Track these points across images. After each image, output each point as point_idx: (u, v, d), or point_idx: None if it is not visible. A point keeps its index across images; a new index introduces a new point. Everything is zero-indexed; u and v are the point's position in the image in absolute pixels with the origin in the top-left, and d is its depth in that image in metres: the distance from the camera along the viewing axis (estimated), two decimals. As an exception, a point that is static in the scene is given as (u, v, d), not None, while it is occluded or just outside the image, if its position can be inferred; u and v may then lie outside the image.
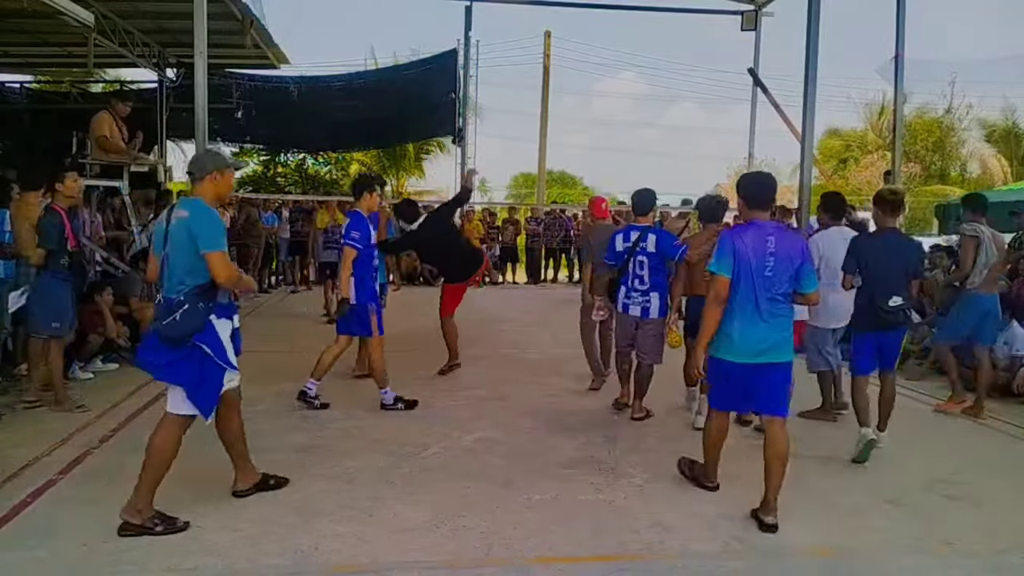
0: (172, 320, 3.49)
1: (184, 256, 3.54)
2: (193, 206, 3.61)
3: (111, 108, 8.47)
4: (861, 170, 25.85)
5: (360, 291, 5.60)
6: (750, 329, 3.82)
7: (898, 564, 3.46)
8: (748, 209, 3.98)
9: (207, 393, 3.63)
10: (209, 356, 3.60)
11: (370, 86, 16.64)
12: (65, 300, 5.58)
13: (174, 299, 3.52)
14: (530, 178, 30.62)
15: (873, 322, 5.00)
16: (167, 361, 3.57)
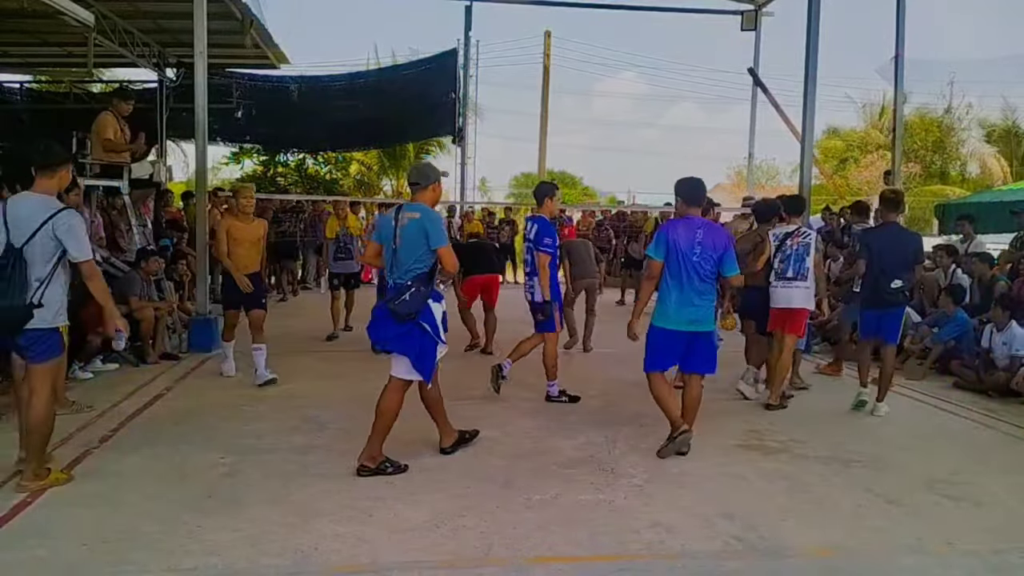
0: (402, 300, 4.24)
1: (415, 249, 4.30)
2: (422, 210, 4.36)
3: (113, 108, 8.46)
4: (861, 170, 25.85)
5: (552, 291, 6.19)
6: (683, 303, 4.70)
7: (898, 564, 3.46)
8: (686, 207, 4.85)
9: (428, 363, 4.41)
10: (427, 332, 4.33)
11: (370, 86, 16.65)
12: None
13: (403, 283, 4.29)
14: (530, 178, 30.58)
15: (877, 301, 5.91)
16: (394, 335, 4.34)
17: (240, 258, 6.46)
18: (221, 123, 15.26)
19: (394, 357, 4.48)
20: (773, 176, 31.74)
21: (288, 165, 20.58)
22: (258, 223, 6.70)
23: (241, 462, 4.52)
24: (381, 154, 22.98)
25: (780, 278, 6.12)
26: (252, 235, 6.52)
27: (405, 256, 4.33)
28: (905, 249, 5.91)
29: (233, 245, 6.43)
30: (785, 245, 6.15)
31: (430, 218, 4.36)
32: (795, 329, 6.13)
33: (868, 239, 6.15)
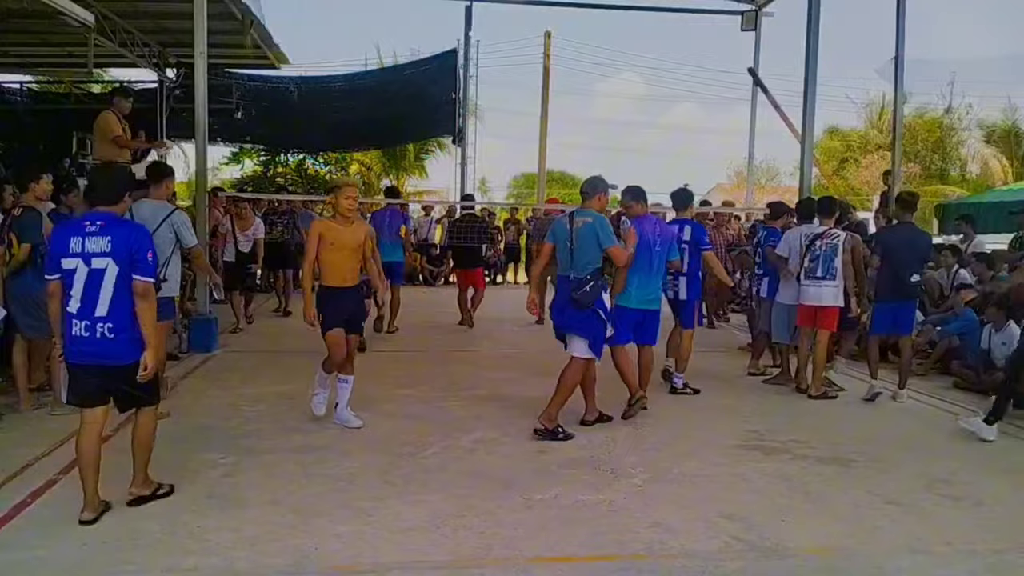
0: (584, 291, 5.06)
1: (590, 249, 5.15)
2: (593, 215, 5.25)
3: (115, 107, 8.46)
4: (861, 170, 25.85)
5: (691, 289, 6.59)
6: (641, 287, 5.73)
7: (898, 564, 3.46)
8: (639, 206, 5.94)
9: (601, 344, 5.27)
10: (601, 318, 5.15)
11: (370, 86, 16.63)
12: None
13: (583, 278, 5.10)
14: (530, 178, 30.62)
15: (896, 293, 6.43)
16: (576, 321, 5.18)
17: (336, 268, 5.24)
18: (221, 123, 15.22)
19: (572, 339, 5.27)
20: (773, 176, 31.78)
21: (288, 165, 20.56)
22: (359, 226, 5.44)
23: (241, 462, 4.53)
24: (381, 154, 22.97)
25: (810, 277, 6.53)
26: (352, 240, 5.25)
27: (580, 255, 5.17)
28: (920, 247, 6.54)
29: (327, 252, 5.20)
30: (815, 245, 6.54)
31: (600, 222, 5.22)
32: (828, 325, 6.54)
33: (885, 238, 6.71)
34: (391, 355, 8.15)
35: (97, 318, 3.59)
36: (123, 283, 3.60)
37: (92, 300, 3.59)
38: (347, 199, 5.24)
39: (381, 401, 6.07)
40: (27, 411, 5.46)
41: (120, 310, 3.61)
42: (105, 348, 3.62)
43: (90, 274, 3.58)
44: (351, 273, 5.30)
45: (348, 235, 5.24)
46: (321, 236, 5.17)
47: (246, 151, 19.97)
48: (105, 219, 3.65)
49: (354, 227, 5.31)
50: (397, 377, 6.95)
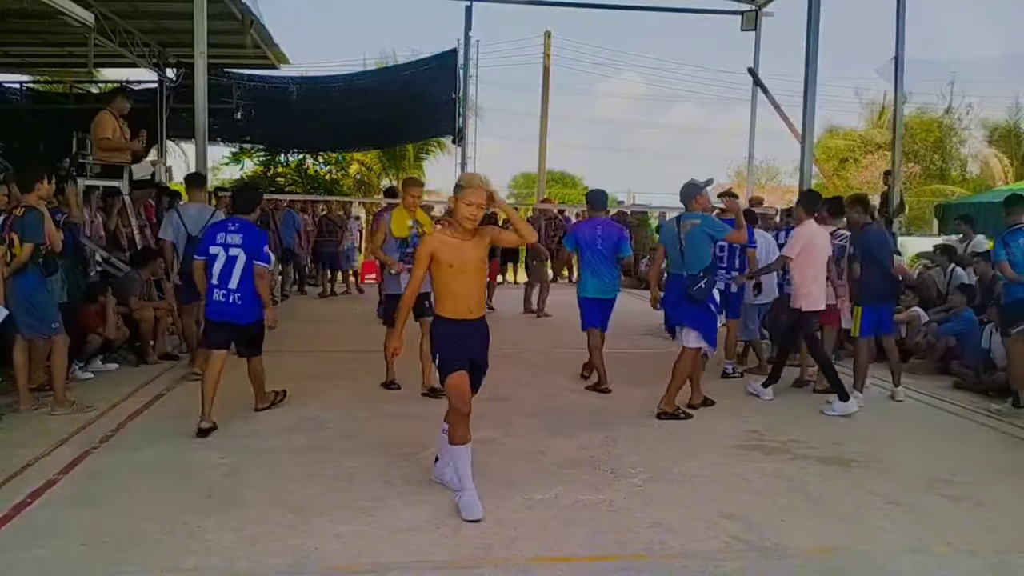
0: (699, 287, 5.54)
1: (701, 248, 5.64)
2: (701, 217, 5.73)
3: (112, 107, 8.46)
4: (861, 170, 25.84)
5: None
6: (594, 279, 6.57)
7: (898, 564, 3.46)
8: (593, 211, 6.87)
9: (714, 334, 5.82)
10: (712, 312, 5.69)
11: (370, 86, 16.64)
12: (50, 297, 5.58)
13: (696, 275, 5.59)
14: (530, 178, 30.62)
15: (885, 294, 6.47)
16: (688, 314, 5.67)
17: (459, 296, 3.89)
18: (221, 123, 15.23)
19: (685, 331, 5.74)
20: (774, 176, 31.77)
21: (288, 165, 20.57)
22: (481, 237, 3.94)
23: (241, 462, 4.52)
24: (381, 154, 22.98)
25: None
26: (477, 257, 3.92)
27: (691, 255, 5.66)
28: (890, 244, 6.83)
29: (447, 277, 3.86)
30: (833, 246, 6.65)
31: (708, 222, 5.74)
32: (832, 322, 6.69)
33: (863, 241, 6.42)
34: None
35: (230, 290, 5.17)
36: (248, 267, 5.18)
37: (227, 277, 5.16)
38: (470, 205, 3.80)
39: (381, 401, 6.07)
40: (27, 411, 5.46)
41: (245, 285, 5.18)
42: (234, 310, 5.21)
43: (227, 260, 5.17)
44: (478, 300, 3.98)
45: (471, 252, 3.87)
46: (435, 258, 3.83)
47: (246, 151, 19.97)
48: (241, 223, 5.30)
49: (475, 240, 3.89)
50: (397, 377, 6.94)
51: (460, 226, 3.88)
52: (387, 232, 6.07)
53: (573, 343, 9.09)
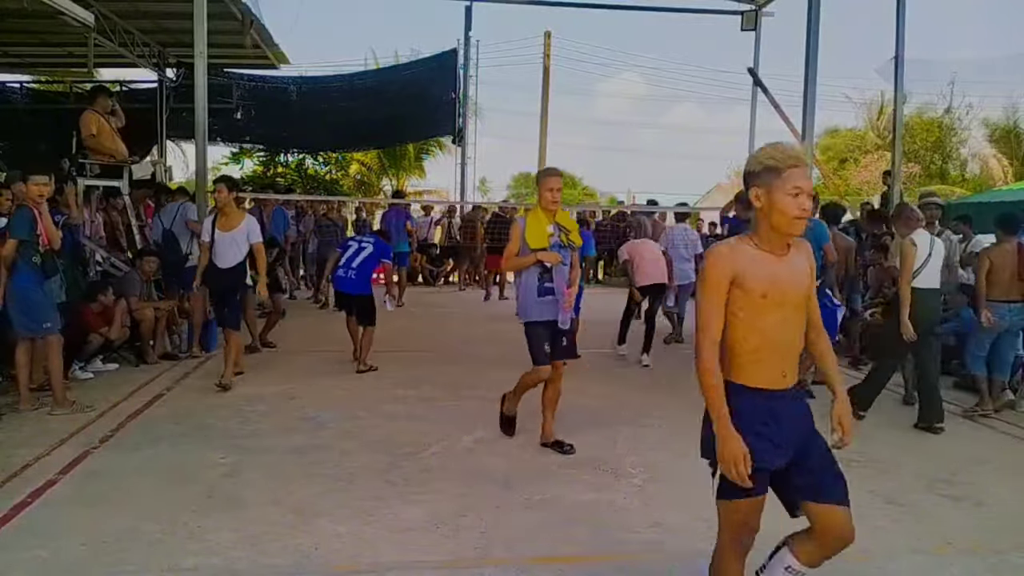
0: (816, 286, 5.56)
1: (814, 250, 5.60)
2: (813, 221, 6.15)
3: (95, 106, 8.46)
4: (861, 170, 25.83)
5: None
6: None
7: (898, 564, 3.46)
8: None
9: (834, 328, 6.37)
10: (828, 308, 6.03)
11: (370, 86, 16.63)
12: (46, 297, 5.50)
13: None
14: (530, 178, 30.61)
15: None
16: None
17: (776, 346, 2.52)
18: (221, 123, 15.23)
19: None
20: (773, 176, 31.69)
21: (288, 165, 20.57)
22: (798, 250, 2.64)
23: (241, 462, 4.52)
24: (381, 154, 22.97)
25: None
26: (800, 283, 2.58)
27: None
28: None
29: (755, 311, 2.44)
30: None
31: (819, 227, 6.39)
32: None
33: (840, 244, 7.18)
34: (391, 355, 8.14)
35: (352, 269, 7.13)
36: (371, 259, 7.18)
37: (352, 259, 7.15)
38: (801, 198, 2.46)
39: (381, 401, 6.07)
40: (27, 411, 5.46)
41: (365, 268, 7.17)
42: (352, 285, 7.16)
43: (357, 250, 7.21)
44: (795, 356, 2.61)
45: (789, 274, 2.49)
46: (738, 282, 2.40)
47: (246, 151, 19.97)
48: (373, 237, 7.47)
49: (792, 254, 2.56)
50: (397, 377, 6.95)
51: (773, 236, 2.48)
52: (522, 240, 4.76)
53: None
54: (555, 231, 4.74)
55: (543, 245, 4.69)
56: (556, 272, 4.71)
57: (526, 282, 4.77)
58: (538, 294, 4.71)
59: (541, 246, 4.69)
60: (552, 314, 4.71)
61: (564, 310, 4.70)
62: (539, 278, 4.70)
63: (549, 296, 4.70)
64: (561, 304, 4.68)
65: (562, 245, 4.75)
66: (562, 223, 4.82)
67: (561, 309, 4.69)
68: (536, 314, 4.74)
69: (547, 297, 4.70)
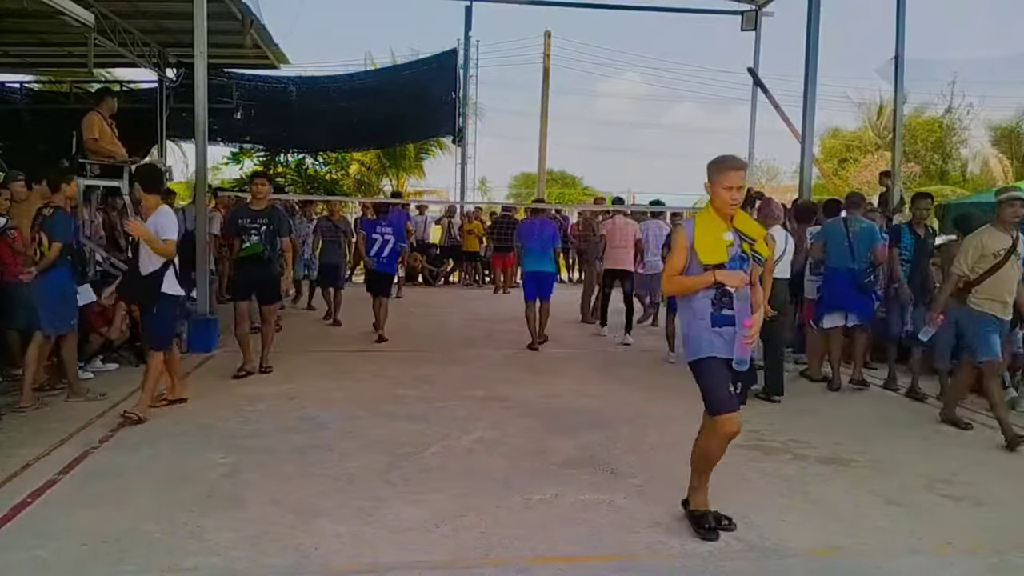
0: (869, 280, 6.80)
1: (866, 247, 6.80)
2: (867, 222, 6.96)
3: (100, 107, 8.45)
4: (861, 170, 25.84)
5: None
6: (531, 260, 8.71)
7: (898, 564, 3.46)
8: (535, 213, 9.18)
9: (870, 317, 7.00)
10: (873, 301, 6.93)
11: (370, 86, 16.63)
12: (74, 296, 5.82)
13: (864, 269, 6.78)
14: (530, 178, 30.64)
15: None
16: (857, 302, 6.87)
17: None
18: (221, 123, 15.22)
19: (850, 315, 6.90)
20: (774, 176, 31.80)
21: (288, 165, 20.56)
22: None
23: (241, 462, 4.52)
24: (381, 154, 22.96)
25: (814, 273, 7.33)
26: None
27: (860, 251, 6.80)
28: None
29: None
30: None
31: (871, 228, 6.91)
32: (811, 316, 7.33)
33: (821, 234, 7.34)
34: (391, 355, 8.15)
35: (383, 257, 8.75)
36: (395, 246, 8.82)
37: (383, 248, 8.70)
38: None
39: (381, 401, 6.07)
40: (28, 409, 5.47)
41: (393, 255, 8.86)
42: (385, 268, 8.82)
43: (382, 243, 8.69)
44: None
45: None
46: None
47: (246, 151, 19.96)
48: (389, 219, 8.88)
49: None
50: (397, 377, 6.95)
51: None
52: (690, 254, 3.60)
53: (574, 343, 9.12)
54: (735, 239, 3.57)
55: (721, 260, 3.52)
56: (737, 295, 3.56)
57: (694, 307, 3.61)
58: (712, 323, 3.56)
59: (718, 261, 3.52)
60: (728, 350, 3.55)
61: (744, 345, 3.55)
62: (714, 302, 3.55)
63: (727, 326, 3.55)
64: (742, 338, 3.53)
65: (744, 258, 3.59)
66: (742, 229, 3.61)
67: (740, 344, 3.54)
68: (709, 347, 3.57)
69: (725, 328, 3.55)
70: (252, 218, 6.80)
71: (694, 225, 3.61)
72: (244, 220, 6.81)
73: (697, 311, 3.60)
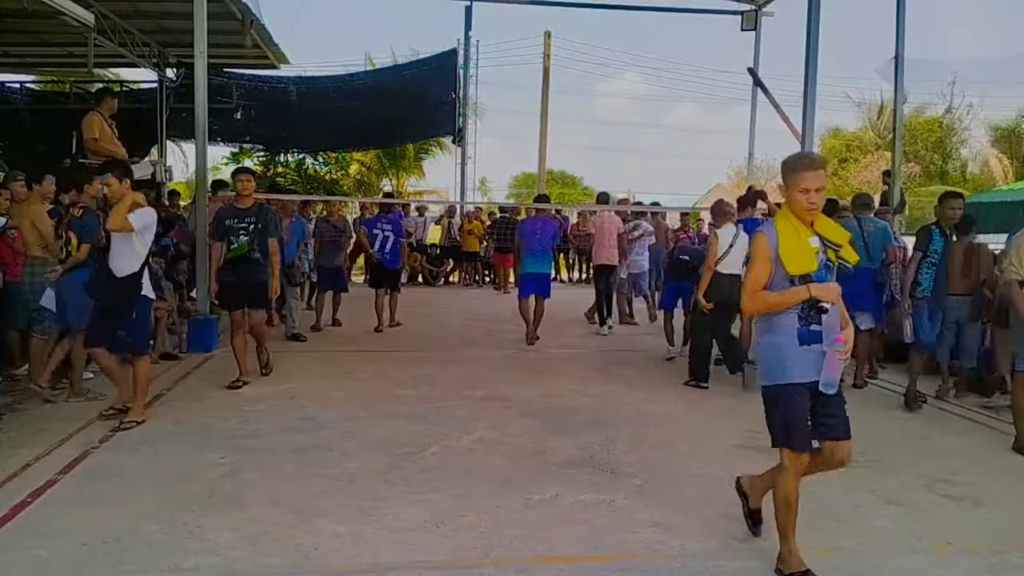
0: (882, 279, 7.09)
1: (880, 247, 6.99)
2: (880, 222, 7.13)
3: (100, 107, 8.45)
4: (861, 170, 25.85)
5: None
6: (532, 261, 9.03)
7: (898, 564, 3.46)
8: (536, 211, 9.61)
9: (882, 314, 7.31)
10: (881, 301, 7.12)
11: (370, 86, 16.63)
12: None
13: (877, 268, 6.99)
14: (530, 178, 30.67)
15: None
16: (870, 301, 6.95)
17: None
18: (221, 123, 15.21)
19: (861, 315, 6.71)
20: (773, 176, 31.78)
21: (288, 165, 20.55)
22: None
23: (241, 462, 4.52)
24: (381, 154, 22.96)
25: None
26: None
27: (874, 251, 6.92)
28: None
29: None
30: None
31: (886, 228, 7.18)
32: None
33: None
34: (391, 355, 8.15)
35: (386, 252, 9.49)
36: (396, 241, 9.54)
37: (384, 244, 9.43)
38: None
39: (381, 401, 6.07)
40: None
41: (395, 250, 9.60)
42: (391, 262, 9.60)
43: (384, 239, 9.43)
44: None
45: None
46: None
47: (246, 151, 19.95)
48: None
49: None
50: (397, 377, 6.95)
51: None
52: (774, 263, 3.20)
53: (573, 343, 9.12)
54: (821, 247, 3.20)
55: (810, 269, 3.14)
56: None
57: (776, 323, 3.23)
58: (800, 340, 3.17)
59: (807, 271, 3.13)
60: (814, 371, 3.17)
61: (835, 364, 3.15)
62: (801, 317, 3.16)
63: (815, 344, 3.16)
64: (832, 356, 3.13)
65: (830, 267, 3.24)
66: (826, 234, 3.23)
67: (832, 363, 3.15)
68: (795, 371, 3.18)
69: (813, 346, 3.16)
70: (239, 217, 6.38)
71: (776, 232, 3.18)
72: (231, 220, 6.38)
73: (780, 327, 3.18)
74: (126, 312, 5.22)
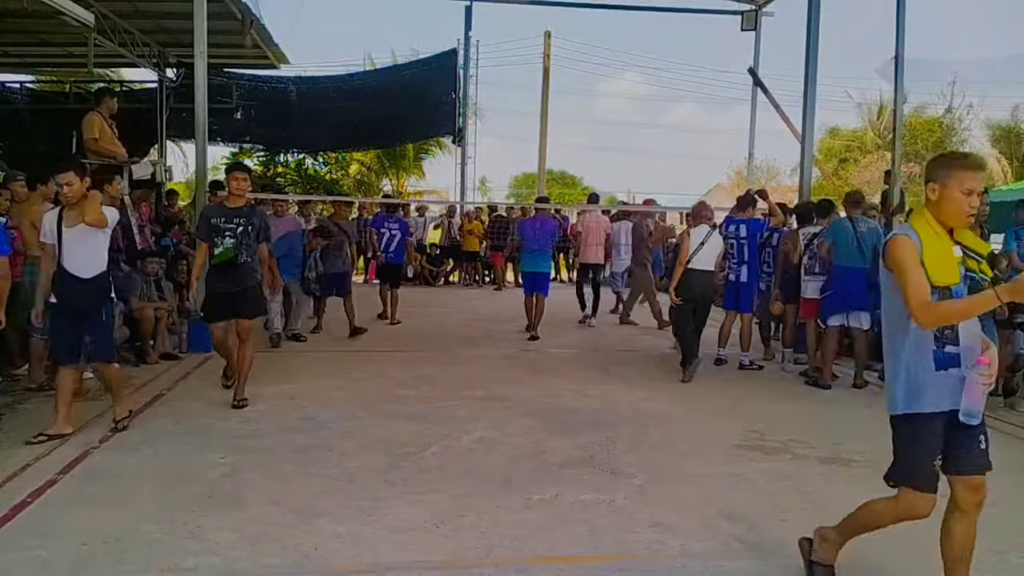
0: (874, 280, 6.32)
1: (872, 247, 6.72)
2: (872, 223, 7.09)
3: (100, 107, 8.46)
4: (861, 170, 25.85)
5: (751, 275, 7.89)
6: (530, 259, 9.47)
7: (898, 564, 3.46)
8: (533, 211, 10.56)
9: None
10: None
11: (370, 86, 16.62)
12: None
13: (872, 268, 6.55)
14: (530, 178, 30.67)
15: None
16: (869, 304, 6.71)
17: None
18: (221, 123, 15.20)
19: (859, 315, 6.92)
20: (773, 176, 31.79)
21: (288, 165, 20.55)
22: None
23: (241, 462, 4.52)
24: (381, 154, 22.96)
25: (809, 273, 7.35)
26: None
27: (869, 250, 6.73)
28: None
29: None
30: (813, 245, 7.31)
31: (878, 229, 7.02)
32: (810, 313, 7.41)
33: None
34: (391, 355, 8.15)
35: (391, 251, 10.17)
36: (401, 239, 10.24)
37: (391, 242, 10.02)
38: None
39: (381, 401, 6.07)
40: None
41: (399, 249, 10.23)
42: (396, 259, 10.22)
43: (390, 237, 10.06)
44: None
45: None
46: None
47: (246, 151, 19.96)
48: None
49: None
50: (397, 377, 6.95)
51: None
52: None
53: (573, 343, 9.12)
54: (961, 256, 2.83)
55: (954, 281, 2.78)
56: (966, 328, 2.78)
57: (909, 344, 2.84)
58: (936, 364, 2.79)
59: (950, 282, 2.77)
60: (953, 399, 2.80)
61: (977, 390, 2.74)
62: (936, 337, 2.78)
63: (953, 368, 2.78)
64: (974, 381, 2.72)
65: (973, 279, 2.86)
66: (967, 243, 2.88)
67: (974, 389, 2.74)
68: (931, 399, 2.82)
69: (951, 370, 2.78)
70: (227, 217, 5.74)
71: (920, 235, 2.77)
72: (217, 219, 5.75)
73: (915, 348, 2.79)
74: (95, 316, 4.89)
